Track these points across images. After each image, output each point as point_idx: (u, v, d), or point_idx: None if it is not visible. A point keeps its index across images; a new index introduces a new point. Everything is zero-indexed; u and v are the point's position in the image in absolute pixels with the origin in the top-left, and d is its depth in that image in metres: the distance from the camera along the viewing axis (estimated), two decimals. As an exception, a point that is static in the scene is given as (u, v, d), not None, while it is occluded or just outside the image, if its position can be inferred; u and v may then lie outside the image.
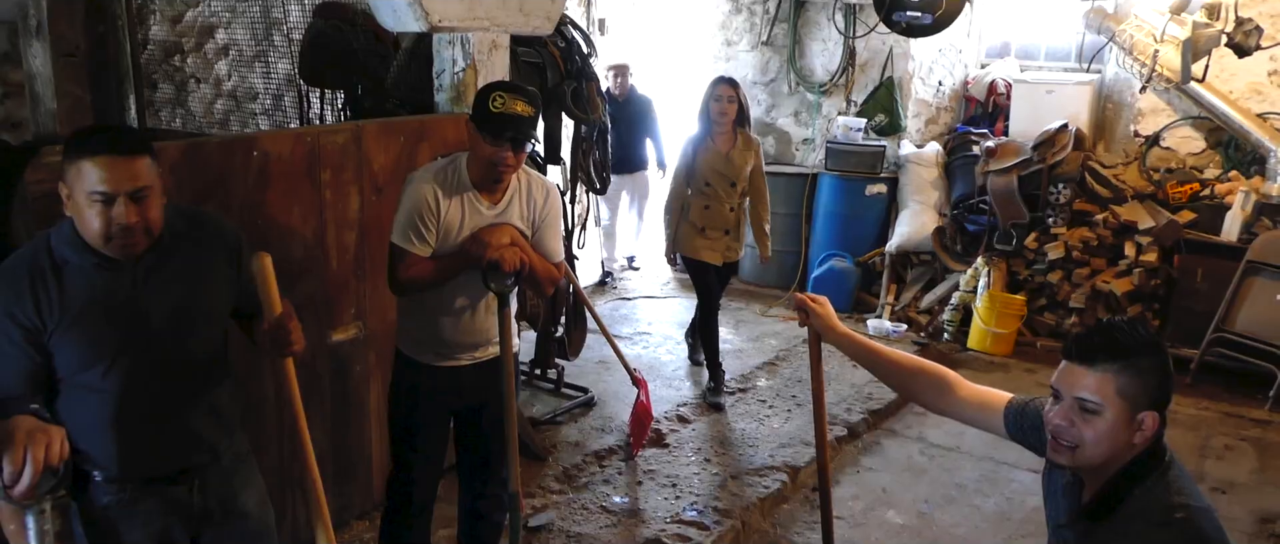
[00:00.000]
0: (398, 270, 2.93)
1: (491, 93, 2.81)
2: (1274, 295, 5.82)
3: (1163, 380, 1.82)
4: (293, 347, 2.31)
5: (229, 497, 2.44)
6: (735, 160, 5.21)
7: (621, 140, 7.17)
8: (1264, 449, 5.11)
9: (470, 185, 2.92)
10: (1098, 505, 1.85)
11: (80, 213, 2.08)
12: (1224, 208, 6.17)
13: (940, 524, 4.30)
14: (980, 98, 7.54)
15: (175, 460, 2.33)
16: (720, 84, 5.22)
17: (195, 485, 2.36)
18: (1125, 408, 1.79)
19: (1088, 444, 1.81)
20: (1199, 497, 1.82)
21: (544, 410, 5.04)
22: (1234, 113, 6.38)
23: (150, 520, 2.32)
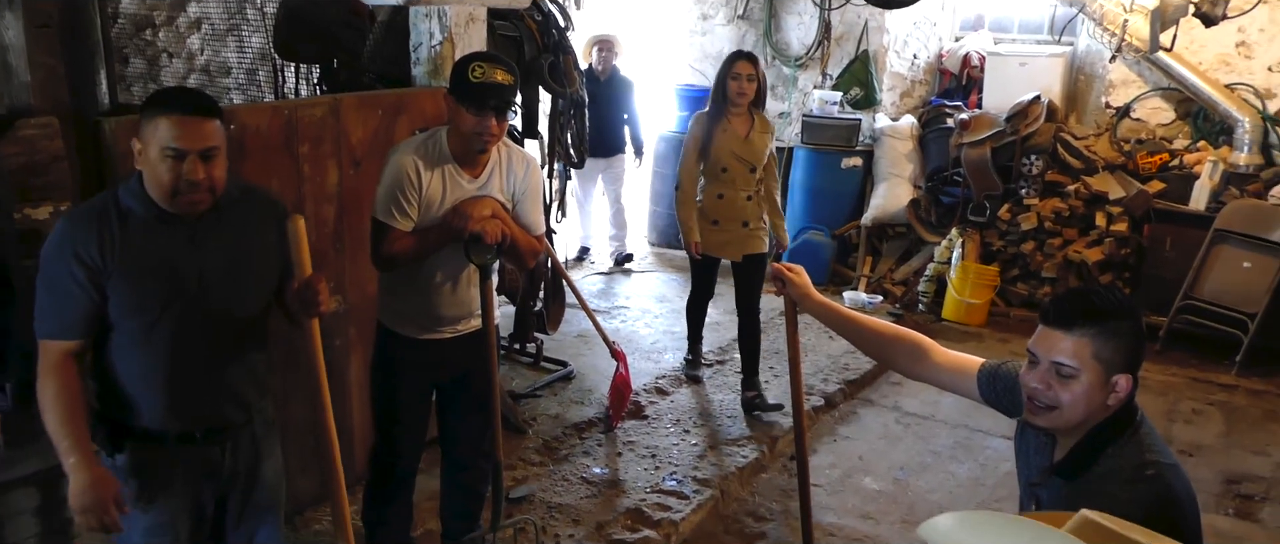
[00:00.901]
0: (381, 246, 2.93)
1: (470, 63, 2.82)
2: (1241, 263, 5.93)
3: (1136, 344, 1.86)
4: (321, 307, 2.39)
5: (254, 463, 2.54)
6: (755, 143, 4.73)
7: (599, 121, 6.93)
8: (1230, 413, 5.23)
9: (451, 158, 2.93)
10: (1070, 464, 1.90)
11: (151, 167, 2.21)
12: (1192, 178, 6.27)
13: (916, 490, 4.38)
14: (954, 71, 7.59)
15: (214, 417, 2.43)
16: (738, 60, 4.73)
17: (227, 447, 2.46)
18: (1101, 371, 1.83)
19: (1064, 406, 1.85)
20: (1168, 455, 1.87)
21: (524, 384, 5.07)
22: (1203, 84, 6.47)
23: (188, 478, 2.42)
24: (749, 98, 4.70)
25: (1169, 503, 1.74)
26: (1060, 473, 1.92)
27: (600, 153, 7.08)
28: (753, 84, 4.70)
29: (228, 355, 2.41)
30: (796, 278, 2.50)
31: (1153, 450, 1.85)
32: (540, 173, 3.19)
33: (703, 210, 4.80)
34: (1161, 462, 1.82)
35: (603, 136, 7.05)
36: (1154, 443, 1.87)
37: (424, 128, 3.25)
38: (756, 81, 4.72)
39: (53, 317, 2.25)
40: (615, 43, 7.13)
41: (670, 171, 7.51)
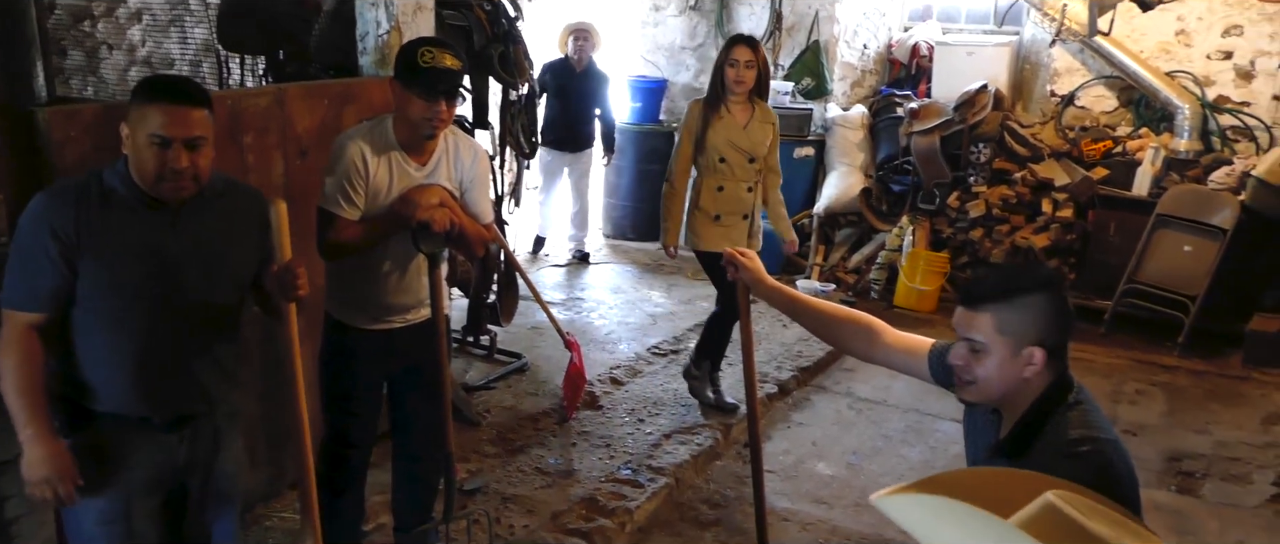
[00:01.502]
0: (327, 235, 2.90)
1: (419, 48, 2.80)
2: (1182, 246, 6.07)
3: (1052, 317, 1.90)
4: (299, 291, 2.40)
5: (212, 453, 2.52)
6: (754, 133, 4.46)
7: (570, 114, 6.87)
8: (1172, 393, 5.35)
9: (397, 146, 2.90)
10: (1012, 440, 1.94)
11: (138, 152, 2.23)
12: (1135, 164, 6.40)
13: (868, 474, 4.43)
14: (904, 60, 7.68)
15: (176, 405, 2.41)
16: (737, 44, 4.42)
17: (186, 435, 2.45)
18: (1009, 344, 1.88)
19: (981, 380, 1.92)
20: (1107, 430, 1.91)
21: (477, 376, 5.04)
22: (1144, 71, 6.61)
23: (145, 465, 2.40)
24: (747, 85, 4.40)
25: (1107, 477, 1.78)
26: (1003, 451, 1.96)
27: (569, 147, 6.94)
28: (752, 71, 4.38)
29: (197, 344, 2.41)
30: (749, 263, 2.51)
31: (1089, 426, 1.89)
32: (488, 161, 3.17)
33: (701, 207, 4.52)
34: (1099, 437, 1.86)
35: (573, 130, 6.92)
36: (1092, 418, 1.91)
37: (370, 117, 3.21)
38: (756, 68, 4.40)
39: (21, 286, 2.26)
40: (593, 32, 6.93)
41: (625, 163, 7.52)
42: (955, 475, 1.29)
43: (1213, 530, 3.88)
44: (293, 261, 2.39)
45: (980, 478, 1.29)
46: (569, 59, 6.86)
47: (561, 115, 6.87)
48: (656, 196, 7.70)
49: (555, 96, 6.85)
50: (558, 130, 6.85)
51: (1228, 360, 5.78)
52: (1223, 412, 5.11)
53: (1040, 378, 1.91)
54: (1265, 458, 4.57)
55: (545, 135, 6.75)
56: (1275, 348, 5.61)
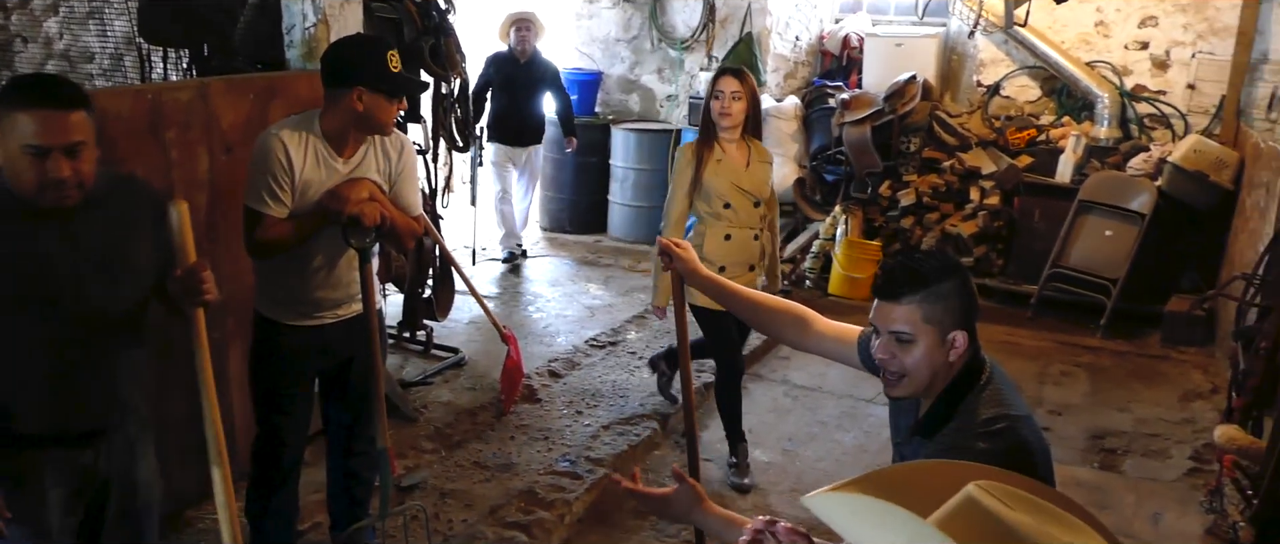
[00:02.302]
0: (255, 233, 2.86)
1: (387, 52, 2.82)
2: (1103, 231, 6.26)
3: (965, 300, 1.95)
4: (206, 295, 2.28)
5: (128, 466, 2.42)
6: (756, 174, 4.06)
7: (519, 108, 6.69)
8: (1095, 373, 5.52)
9: (324, 141, 2.87)
10: (928, 422, 1.99)
11: (12, 164, 2.07)
12: (1058, 151, 6.58)
13: (804, 459, 4.50)
14: (835, 52, 7.79)
15: (88, 419, 2.31)
16: (722, 76, 4.03)
17: (101, 450, 2.34)
18: (934, 332, 1.92)
19: (910, 372, 1.95)
20: (1018, 406, 1.97)
21: (414, 372, 5.01)
22: (1065, 62, 6.79)
23: (61, 482, 2.30)
24: (735, 119, 3.97)
25: (1020, 452, 1.84)
26: (919, 432, 2.01)
27: (518, 141, 6.76)
28: (739, 103, 3.95)
29: (102, 354, 2.29)
30: (684, 253, 2.53)
31: (1003, 403, 1.95)
32: (414, 152, 3.16)
33: (706, 257, 3.92)
34: (1012, 414, 1.92)
35: (522, 124, 6.73)
36: (1005, 396, 1.97)
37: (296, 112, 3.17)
38: (744, 100, 3.96)
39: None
40: (535, 21, 6.74)
41: (562, 156, 7.49)
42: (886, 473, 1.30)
43: (1130, 504, 4.02)
44: (197, 265, 2.26)
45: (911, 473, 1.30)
46: (512, 51, 6.69)
47: (509, 109, 6.70)
48: (593, 189, 7.82)
49: (501, 90, 6.66)
50: (507, 125, 6.71)
51: (1147, 340, 5.98)
52: (1143, 390, 5.29)
53: (957, 363, 1.96)
54: (1182, 433, 4.74)
55: (493, 131, 6.67)
56: (1191, 328, 5.82)
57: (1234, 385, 3.79)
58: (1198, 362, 5.64)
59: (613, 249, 7.55)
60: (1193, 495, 4.07)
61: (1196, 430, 4.75)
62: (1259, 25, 6.25)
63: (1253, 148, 5.78)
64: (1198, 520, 3.84)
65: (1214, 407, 4.96)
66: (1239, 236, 5.71)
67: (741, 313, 2.51)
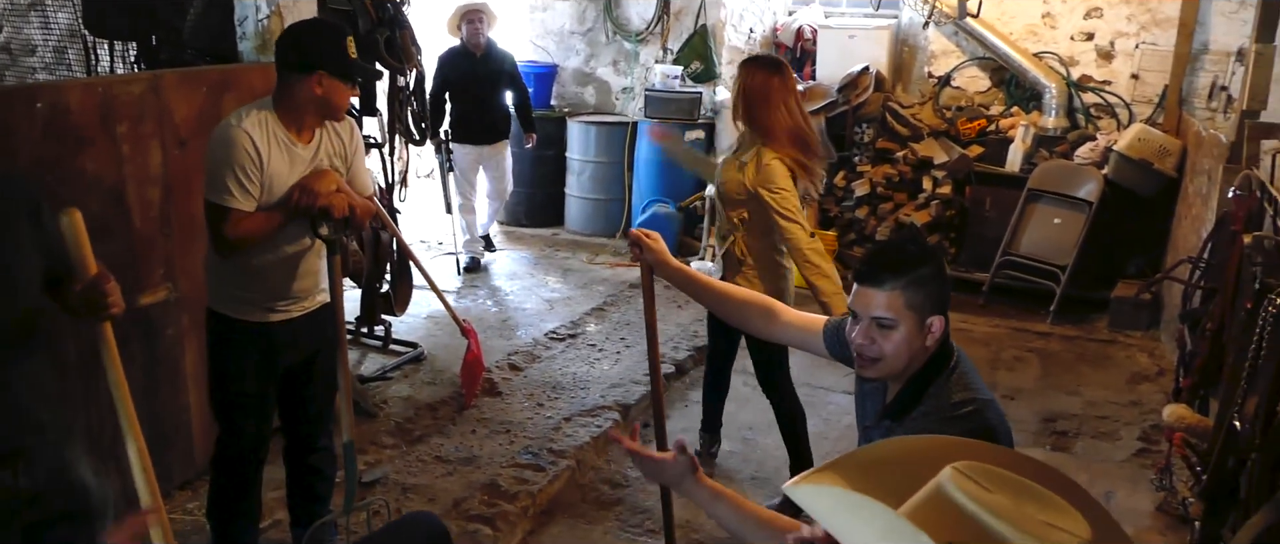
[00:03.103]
0: (224, 230, 2.76)
1: (345, 38, 2.80)
2: (1052, 219, 6.39)
3: (941, 287, 2.00)
4: (110, 309, 2.16)
5: (61, 469, 2.25)
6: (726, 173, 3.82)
7: (478, 102, 6.46)
8: (1046, 358, 5.64)
9: (283, 128, 2.84)
10: (897, 406, 2.03)
11: None
12: (1007, 141, 6.70)
13: (764, 448, 4.54)
14: (789, 43, 7.84)
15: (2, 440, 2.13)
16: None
17: (18, 469, 2.14)
18: (915, 318, 1.96)
19: (888, 356, 1.98)
20: (983, 390, 2.02)
21: (372, 368, 4.97)
22: (1014, 52, 6.91)
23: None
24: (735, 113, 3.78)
25: (986, 435, 1.88)
26: (888, 415, 2.05)
27: (481, 139, 6.54)
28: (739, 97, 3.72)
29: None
30: (653, 244, 2.54)
31: (970, 387, 1.99)
32: (359, 132, 3.16)
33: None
34: (978, 397, 1.97)
35: (482, 120, 6.51)
36: (971, 380, 2.02)
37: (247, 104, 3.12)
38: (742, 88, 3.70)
39: None
40: (486, 12, 6.51)
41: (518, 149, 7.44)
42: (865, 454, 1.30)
43: (1083, 483, 4.07)
44: (99, 276, 2.14)
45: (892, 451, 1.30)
46: (465, 45, 6.49)
47: (469, 107, 6.51)
48: (549, 182, 7.80)
49: (459, 88, 6.47)
50: (466, 123, 6.52)
51: (1095, 325, 6.11)
52: (1092, 373, 5.41)
53: (931, 344, 2.00)
54: (1130, 415, 4.86)
55: (455, 131, 6.49)
56: (1137, 312, 5.97)
57: (1181, 366, 3.90)
58: (1144, 345, 5.79)
59: (570, 242, 7.55)
60: (1142, 474, 4.17)
61: (1144, 412, 4.87)
62: (1199, 17, 6.41)
63: (1194, 136, 5.93)
64: (1148, 498, 3.94)
65: (1160, 389, 5.10)
66: (1182, 222, 5.86)
67: (709, 302, 2.54)
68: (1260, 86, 4.33)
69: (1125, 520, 3.81)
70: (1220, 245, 3.66)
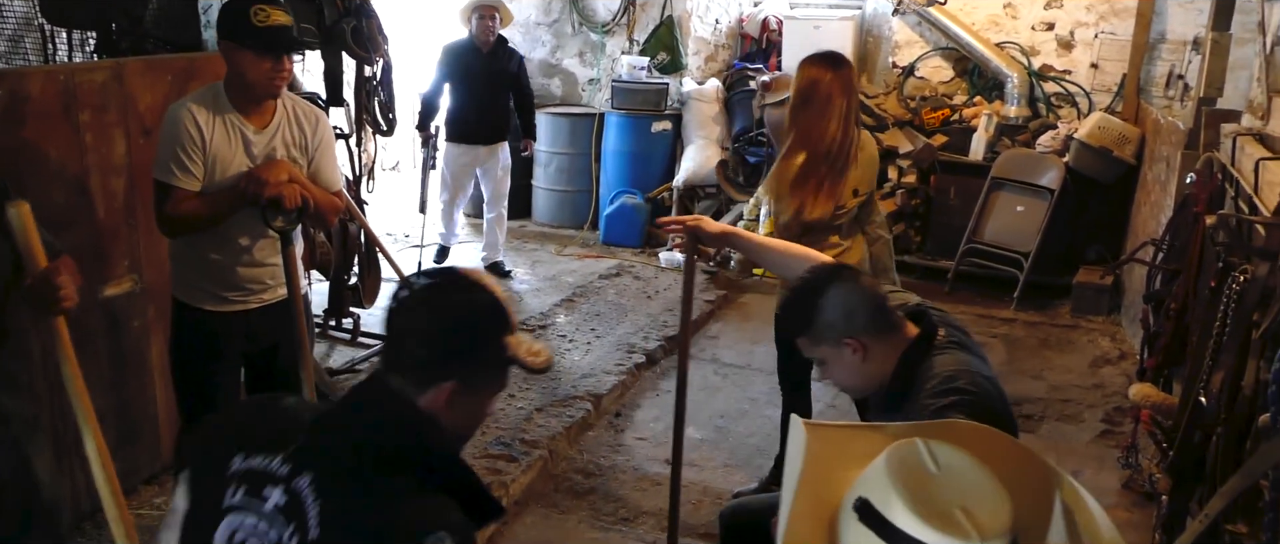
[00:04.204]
0: (165, 208, 2.76)
1: (251, 6, 2.70)
2: (1015, 207, 6.48)
3: (841, 314, 2.01)
4: (62, 303, 2.11)
5: (19, 466, 2.26)
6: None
7: (479, 101, 6.13)
8: (1011, 344, 5.72)
9: (234, 110, 2.80)
10: (890, 400, 2.07)
11: None
12: (971, 130, 6.78)
13: (736, 435, 4.56)
14: (755, 34, 7.87)
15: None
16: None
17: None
18: (835, 351, 2.03)
19: (844, 383, 2.12)
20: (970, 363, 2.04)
21: (342, 361, 4.93)
22: (976, 43, 6.99)
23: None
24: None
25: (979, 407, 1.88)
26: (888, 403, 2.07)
27: (479, 139, 6.23)
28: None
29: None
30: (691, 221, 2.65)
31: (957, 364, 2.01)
32: (329, 125, 3.10)
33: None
34: (961, 370, 1.99)
35: (482, 119, 6.20)
36: (959, 357, 2.03)
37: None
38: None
39: None
40: (502, 8, 6.19)
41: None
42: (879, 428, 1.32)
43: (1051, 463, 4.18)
44: (50, 270, 2.09)
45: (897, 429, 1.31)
46: (473, 39, 6.14)
47: (468, 104, 6.19)
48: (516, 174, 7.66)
49: (459, 83, 6.17)
50: (464, 122, 6.21)
51: (1058, 311, 6.21)
52: (1055, 358, 5.50)
53: (887, 350, 2.02)
54: (1093, 398, 4.94)
55: (450, 129, 6.24)
56: (1099, 297, 6.07)
57: (1145, 346, 3.97)
58: (1105, 330, 5.88)
59: (537, 234, 7.53)
60: (1107, 454, 4.25)
61: (1106, 394, 4.96)
62: (1156, 7, 6.52)
63: (1152, 123, 6.03)
64: (1115, 476, 4.01)
65: (1122, 372, 5.19)
66: (1141, 209, 5.97)
67: (759, 259, 2.62)
68: (1216, 74, 4.41)
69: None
70: (1182, 228, 3.73)
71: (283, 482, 1.37)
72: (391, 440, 1.38)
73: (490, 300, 1.49)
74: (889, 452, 1.12)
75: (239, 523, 1.39)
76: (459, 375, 1.45)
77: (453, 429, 1.49)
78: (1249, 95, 3.81)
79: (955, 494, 1.06)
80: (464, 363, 1.45)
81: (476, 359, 1.47)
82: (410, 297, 1.48)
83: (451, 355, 1.45)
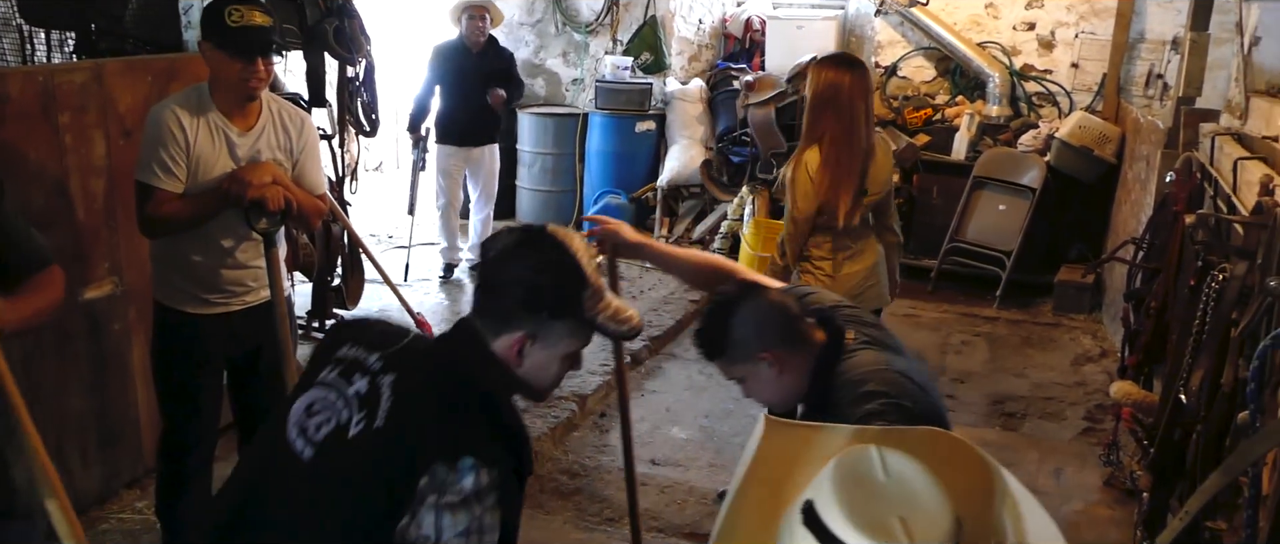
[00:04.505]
0: (146, 209, 2.74)
1: (226, 7, 2.67)
2: (997, 206, 6.51)
3: (756, 329, 2.01)
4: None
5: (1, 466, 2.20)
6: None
7: (469, 104, 6.01)
8: (994, 342, 5.75)
9: (218, 112, 2.78)
10: (810, 405, 2.08)
11: None
12: (953, 130, 6.82)
13: (721, 434, 4.57)
14: (738, 35, 7.89)
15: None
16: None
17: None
18: (750, 368, 2.04)
19: (764, 399, 2.11)
20: (885, 362, 2.01)
21: (325, 362, 4.90)
22: (958, 43, 7.03)
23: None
24: None
25: (897, 406, 1.89)
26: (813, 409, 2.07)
27: (470, 140, 6.12)
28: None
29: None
30: (609, 226, 2.58)
31: (870, 363, 2.01)
32: (314, 128, 3.08)
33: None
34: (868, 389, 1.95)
35: (474, 121, 6.07)
36: (862, 369, 2.00)
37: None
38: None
39: None
40: (492, 8, 6.11)
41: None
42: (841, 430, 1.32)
43: (1033, 460, 4.21)
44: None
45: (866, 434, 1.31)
46: (464, 40, 6.05)
47: (459, 105, 6.07)
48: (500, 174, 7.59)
49: (450, 84, 6.06)
50: (456, 123, 6.10)
51: (1040, 309, 6.25)
52: (1037, 356, 5.54)
53: (801, 361, 2.02)
54: (1075, 395, 4.98)
55: (441, 130, 6.15)
56: (1080, 296, 6.12)
57: (1126, 344, 4.00)
58: (1086, 328, 5.93)
59: (522, 234, 7.51)
60: (1090, 451, 4.28)
61: (1088, 392, 4.99)
62: (1136, 7, 6.57)
63: (1132, 122, 6.08)
64: (1096, 473, 4.04)
65: (1103, 369, 5.23)
66: (1122, 207, 6.01)
67: (675, 273, 2.59)
68: (1195, 73, 4.45)
69: (1075, 496, 3.91)
70: (1161, 227, 3.76)
71: (371, 374, 1.57)
72: (461, 370, 1.59)
73: (569, 262, 1.61)
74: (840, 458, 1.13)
75: (321, 396, 1.61)
76: (529, 328, 1.61)
77: (524, 378, 1.66)
78: (1227, 95, 3.84)
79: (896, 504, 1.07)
80: (535, 317, 1.60)
81: (547, 315, 1.61)
82: (497, 249, 1.62)
83: (523, 309, 1.60)
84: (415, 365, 1.59)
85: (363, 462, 1.51)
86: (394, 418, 1.52)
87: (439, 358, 1.63)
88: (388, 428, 1.51)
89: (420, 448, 1.48)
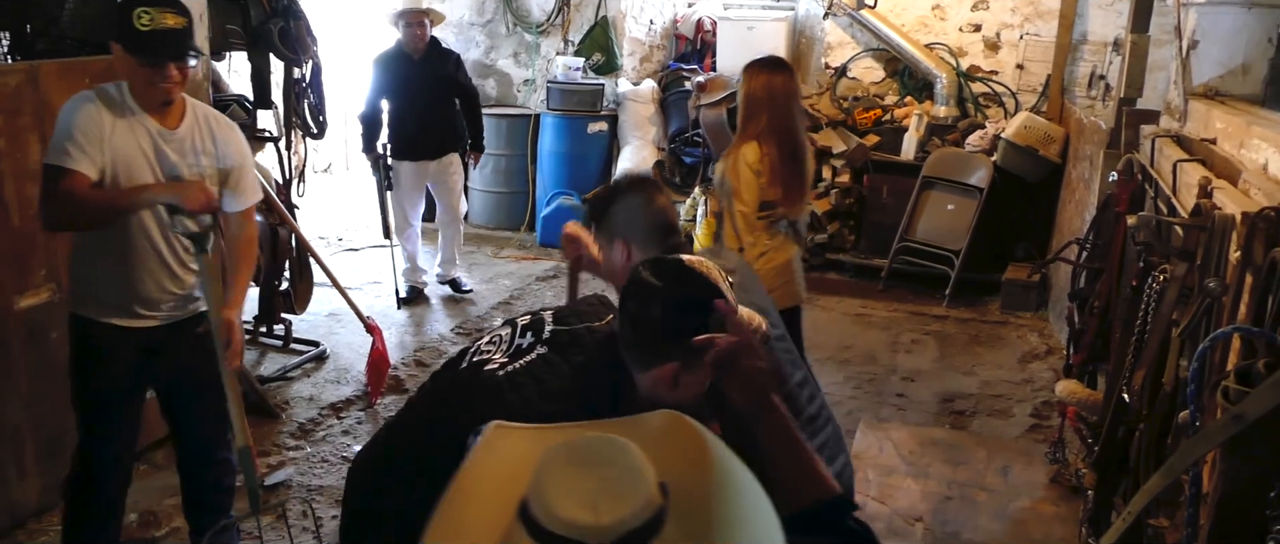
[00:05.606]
0: (58, 188, 2.55)
1: (135, 9, 2.55)
2: (945, 205, 6.60)
3: (626, 217, 2.13)
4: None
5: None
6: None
7: (419, 111, 5.66)
8: (943, 340, 5.82)
9: (139, 109, 2.68)
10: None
11: None
12: (902, 130, 6.89)
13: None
14: (689, 35, 7.90)
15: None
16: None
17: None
18: (608, 247, 2.15)
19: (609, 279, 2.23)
20: None
21: (273, 368, 4.82)
22: (907, 44, 7.10)
23: None
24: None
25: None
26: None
27: (424, 153, 5.75)
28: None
29: None
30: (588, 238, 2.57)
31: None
32: (242, 135, 2.97)
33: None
34: None
35: (424, 132, 5.72)
36: None
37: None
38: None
39: None
40: (430, 12, 5.77)
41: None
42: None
43: (982, 459, 4.27)
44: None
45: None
46: (402, 47, 5.71)
47: (408, 116, 5.71)
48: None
49: (396, 94, 5.70)
50: (408, 136, 5.72)
51: (988, 307, 6.34)
52: (986, 354, 5.61)
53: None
54: (1022, 392, 5.06)
55: (395, 145, 5.74)
56: (1027, 294, 6.22)
57: (1071, 343, 4.07)
58: (1033, 325, 6.03)
59: (474, 236, 7.45)
60: (1036, 448, 4.34)
61: (1035, 389, 5.07)
62: (1079, 9, 6.69)
63: (1076, 123, 6.19)
64: (1043, 471, 4.11)
65: (1049, 366, 5.31)
66: (1066, 207, 6.12)
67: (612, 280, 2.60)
68: (1136, 75, 4.54)
69: (1021, 492, 3.97)
70: (1104, 227, 3.83)
71: (538, 337, 1.73)
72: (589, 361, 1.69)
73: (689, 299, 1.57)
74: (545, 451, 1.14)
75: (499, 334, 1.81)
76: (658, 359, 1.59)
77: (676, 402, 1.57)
78: (1166, 97, 3.92)
79: (594, 484, 1.08)
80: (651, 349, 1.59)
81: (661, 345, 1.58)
82: (633, 285, 1.60)
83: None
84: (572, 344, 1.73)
85: None
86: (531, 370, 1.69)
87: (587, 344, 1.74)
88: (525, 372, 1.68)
89: None
